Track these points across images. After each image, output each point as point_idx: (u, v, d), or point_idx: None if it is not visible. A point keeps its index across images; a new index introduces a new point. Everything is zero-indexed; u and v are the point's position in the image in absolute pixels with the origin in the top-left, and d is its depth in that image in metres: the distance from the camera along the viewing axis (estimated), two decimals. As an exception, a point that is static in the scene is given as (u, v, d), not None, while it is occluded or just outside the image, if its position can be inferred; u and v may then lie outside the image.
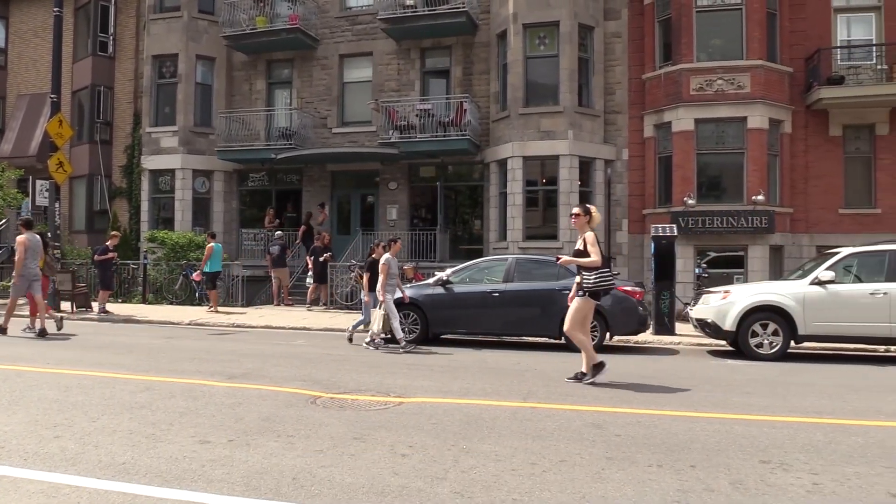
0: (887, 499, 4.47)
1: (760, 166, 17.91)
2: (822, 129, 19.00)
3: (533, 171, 19.45)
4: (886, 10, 18.80)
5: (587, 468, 5.00)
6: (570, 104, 18.95)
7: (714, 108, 18.13)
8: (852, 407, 7.43)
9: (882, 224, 18.54)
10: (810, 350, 12.39)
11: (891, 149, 18.72)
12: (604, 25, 19.83)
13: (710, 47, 18.50)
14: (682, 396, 7.88)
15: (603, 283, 8.43)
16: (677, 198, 18.24)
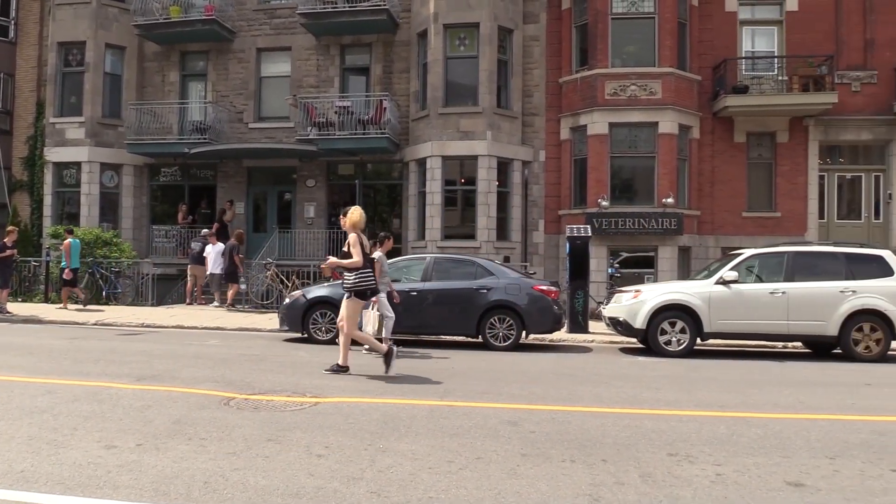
0: (784, 486, 4.72)
1: (670, 170, 18.57)
2: (727, 135, 19.86)
3: (452, 171, 19.57)
4: (787, 24, 19.82)
5: (502, 465, 5.08)
6: (489, 105, 19.16)
7: (627, 112, 18.69)
8: (753, 401, 7.80)
9: (782, 227, 19.55)
10: (715, 347, 12.93)
11: (790, 156, 19.75)
12: (523, 28, 20.13)
13: (624, 54, 19.05)
14: (595, 393, 8.09)
15: (363, 284, 8.71)
16: (592, 199, 18.71)
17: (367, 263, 8.78)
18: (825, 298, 11.52)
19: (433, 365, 10.07)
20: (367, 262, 8.78)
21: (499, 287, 12.19)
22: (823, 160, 19.88)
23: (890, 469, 5.16)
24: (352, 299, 8.77)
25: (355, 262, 8.64)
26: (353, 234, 8.81)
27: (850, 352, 11.48)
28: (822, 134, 19.69)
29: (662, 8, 18.61)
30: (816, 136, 19.67)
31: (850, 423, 6.70)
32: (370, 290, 8.85)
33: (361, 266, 8.68)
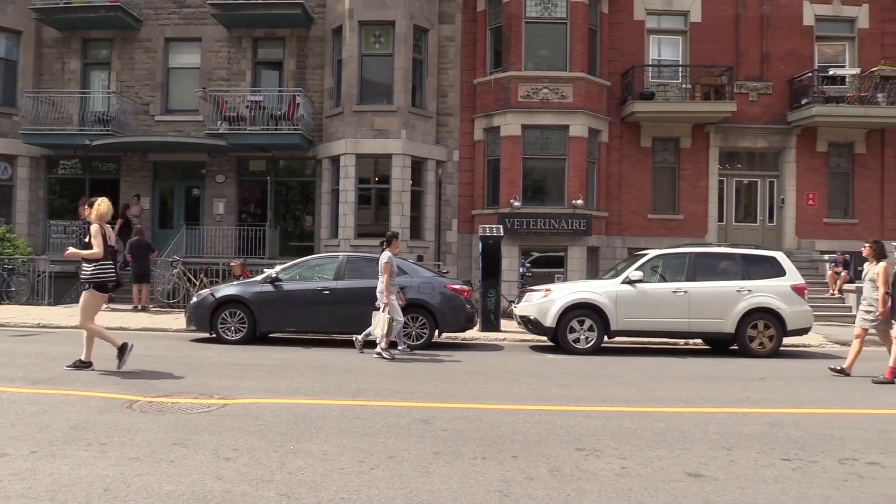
0: (684, 477, 4.92)
1: (580, 172, 19.05)
2: (634, 139, 20.55)
3: (366, 169, 19.46)
4: (692, 35, 20.67)
5: (415, 463, 5.09)
6: (403, 104, 19.16)
7: (540, 115, 19.06)
8: (656, 396, 8.10)
9: (684, 229, 20.38)
10: (621, 344, 13.34)
11: (692, 160, 20.61)
12: (438, 28, 20.22)
13: (537, 57, 19.41)
14: (506, 390, 8.21)
15: (101, 276, 8.70)
16: (504, 200, 18.98)
17: (107, 255, 8.67)
18: (723, 297, 12.08)
19: (346, 364, 9.99)
20: (107, 254, 8.68)
21: (412, 286, 12.20)
22: (723, 165, 20.85)
23: (781, 458, 5.46)
24: (90, 291, 8.65)
25: (95, 254, 8.55)
26: (95, 225, 8.70)
27: (745, 348, 12.07)
28: (722, 141, 20.65)
29: (574, 14, 19.06)
30: (717, 142, 20.61)
31: (745, 416, 7.04)
32: (110, 282, 8.75)
33: (101, 258, 8.59)
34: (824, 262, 19.45)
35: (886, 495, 4.65)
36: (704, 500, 4.47)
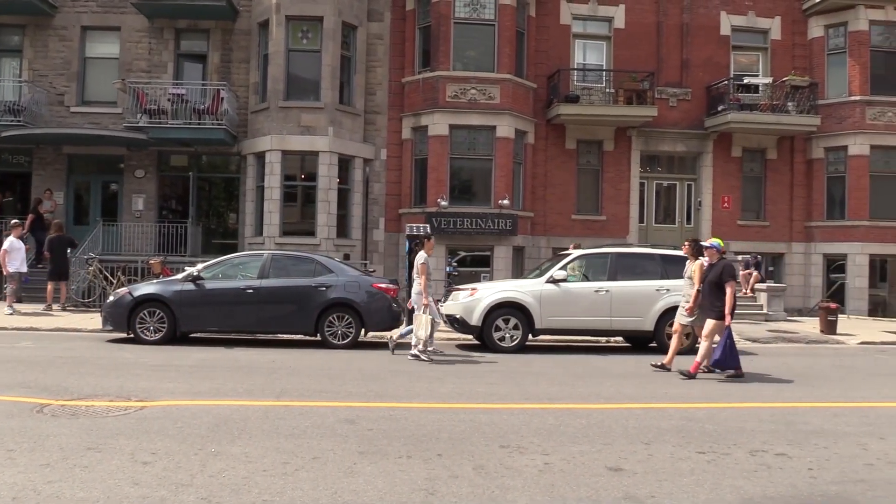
0: (605, 472, 5.05)
1: (507, 173, 19.28)
2: (560, 141, 20.93)
3: (292, 166, 19.18)
4: (616, 40, 21.19)
5: (340, 464, 5.06)
6: (331, 101, 18.96)
7: (467, 115, 19.18)
8: (579, 392, 8.28)
9: (607, 229, 20.89)
10: (545, 342, 13.56)
11: (615, 163, 21.14)
12: (367, 26, 20.09)
13: (465, 58, 19.53)
14: (432, 389, 8.24)
15: None
16: (432, 199, 19.04)
17: None
18: (643, 296, 12.42)
19: (270, 364, 9.84)
20: None
21: (338, 285, 12.10)
22: (644, 168, 21.46)
23: (696, 451, 5.67)
24: None
25: None
26: None
27: (664, 345, 12.36)
28: (644, 144, 21.25)
29: (502, 16, 19.27)
30: (638, 145, 21.20)
31: (663, 411, 7.28)
32: None
33: None
34: (738, 263, 20.22)
35: (793, 484, 4.88)
36: (624, 494, 4.60)
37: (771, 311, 18.86)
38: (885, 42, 21.37)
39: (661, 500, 4.51)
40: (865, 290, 20.91)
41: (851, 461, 5.53)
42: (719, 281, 9.51)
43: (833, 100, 21.34)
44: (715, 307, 9.53)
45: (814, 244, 21.71)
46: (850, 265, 21.01)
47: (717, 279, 9.54)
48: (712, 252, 9.94)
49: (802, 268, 21.79)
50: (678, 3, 21.38)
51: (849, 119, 21.09)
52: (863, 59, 21.01)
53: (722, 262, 9.72)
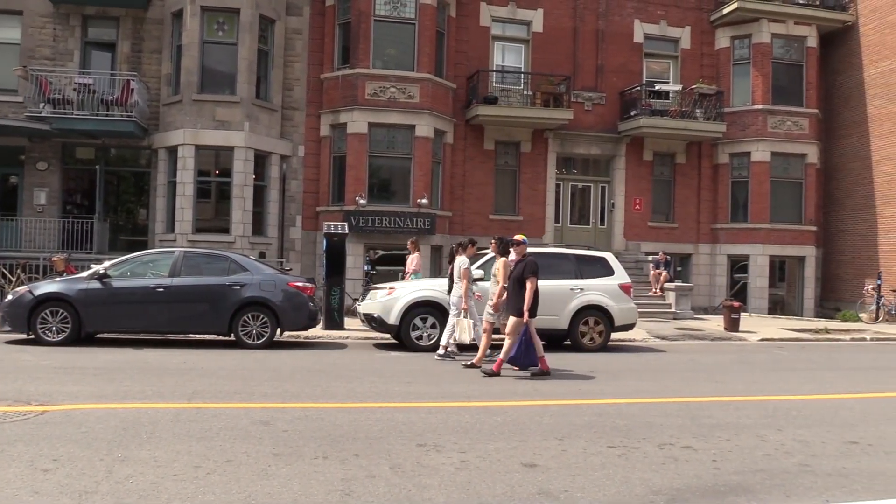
0: (520, 468, 5.13)
1: (425, 172, 19.32)
2: (478, 142, 21.13)
3: (206, 162, 18.66)
4: (534, 43, 21.56)
5: (253, 466, 4.96)
6: (247, 95, 18.54)
7: (387, 114, 19.12)
8: (495, 390, 8.38)
9: (523, 229, 21.04)
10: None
11: (532, 164, 21.51)
12: (285, 20, 19.75)
13: (385, 56, 19.46)
14: (349, 388, 8.18)
15: None
16: (350, 197, 18.89)
17: None
18: (558, 295, 12.66)
19: (181, 365, 9.55)
20: None
21: (253, 283, 11.85)
22: (560, 170, 21.91)
23: (608, 446, 5.83)
24: None
25: None
26: None
27: (577, 343, 12.75)
28: (560, 146, 21.70)
29: (423, 16, 19.29)
30: (555, 147, 21.63)
31: (576, 407, 7.45)
32: None
33: None
34: (648, 263, 20.94)
35: (698, 475, 5.09)
36: (538, 489, 4.68)
37: (679, 310, 19.59)
38: (785, 54, 22.54)
39: (574, 494, 4.62)
40: (766, 290, 22.01)
41: (752, 452, 5.80)
42: (522, 278, 9.41)
43: (738, 108, 22.36)
44: (517, 304, 9.39)
45: (719, 245, 22.68)
46: (752, 266, 22.06)
47: (521, 276, 9.44)
48: (520, 249, 9.84)
49: (708, 268, 22.72)
50: (594, 10, 21.93)
51: (752, 126, 22.14)
52: (765, 70, 22.09)
53: (526, 260, 9.58)
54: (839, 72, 24.14)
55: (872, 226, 22.71)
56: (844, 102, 23.93)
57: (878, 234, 22.48)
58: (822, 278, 24.11)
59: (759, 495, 4.70)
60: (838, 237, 24.03)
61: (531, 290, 9.30)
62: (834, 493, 4.78)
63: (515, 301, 9.46)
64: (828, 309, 23.15)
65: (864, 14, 23.17)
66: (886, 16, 22.36)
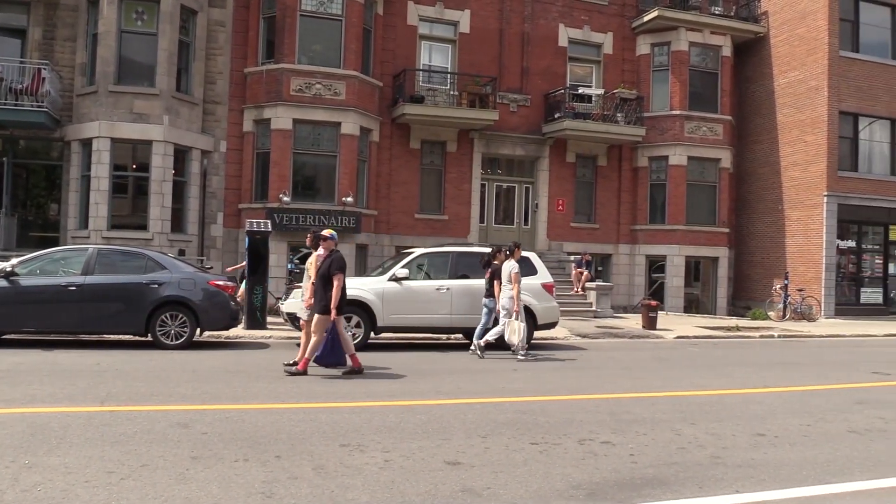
0: (443, 466, 5.16)
1: (351, 170, 19.18)
2: (404, 141, 21.11)
3: (123, 155, 18.01)
4: (461, 44, 21.67)
5: (171, 470, 4.83)
6: (167, 88, 17.99)
7: (312, 110, 18.87)
8: (419, 389, 8.40)
9: (449, 229, 21.33)
10: (388, 340, 13.64)
11: (457, 164, 21.63)
12: (208, 11, 19.23)
13: (311, 52, 19.20)
14: (271, 389, 8.06)
15: None
16: (273, 194, 18.57)
17: None
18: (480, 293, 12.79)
19: (94, 367, 9.21)
20: None
21: (171, 282, 11.52)
22: (485, 170, 22.11)
23: (530, 443, 5.93)
24: None
25: None
26: None
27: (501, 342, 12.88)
28: (485, 147, 21.90)
29: (350, 12, 19.12)
30: (480, 148, 21.81)
31: (499, 405, 7.55)
32: None
33: None
34: (570, 262, 21.37)
35: (616, 469, 5.23)
36: (462, 487, 4.72)
37: (599, 309, 20.07)
38: (702, 62, 23.37)
39: (497, 490, 4.68)
40: (682, 289, 22.79)
41: (667, 446, 6.00)
42: (328, 274, 9.13)
43: (657, 113, 23.06)
44: (324, 302, 9.10)
45: (638, 246, 23.34)
46: (669, 266, 22.80)
47: (327, 273, 9.16)
48: (328, 244, 9.56)
49: (628, 268, 23.36)
50: (520, 13, 22.22)
51: (670, 131, 22.87)
52: (683, 76, 22.86)
53: (333, 255, 9.33)
54: (751, 80, 25.22)
55: (780, 228, 23.84)
56: (756, 110, 25.03)
57: (786, 237, 23.61)
58: (734, 278, 25.14)
59: (673, 487, 4.87)
60: (749, 239, 25.12)
61: (338, 287, 9.02)
62: (743, 484, 5.00)
63: (321, 298, 9.13)
64: (739, 307, 24.15)
65: (775, 26, 24.29)
66: (795, 28, 23.50)
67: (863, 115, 23.24)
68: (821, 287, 22.31)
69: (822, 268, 22.34)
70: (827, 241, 22.32)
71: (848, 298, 23.20)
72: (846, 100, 22.70)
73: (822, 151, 22.40)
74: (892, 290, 24.03)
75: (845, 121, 22.95)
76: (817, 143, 22.60)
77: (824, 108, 22.40)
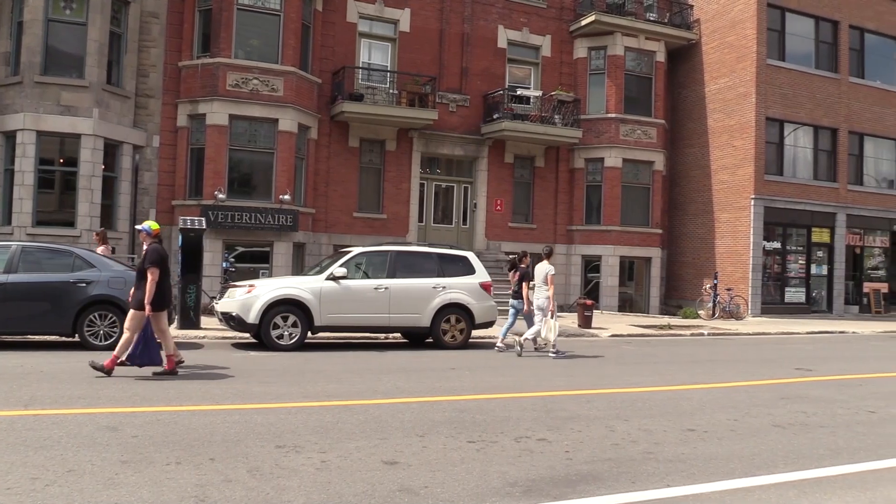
0: (381, 466, 5.15)
1: (288, 168, 18.92)
2: (343, 139, 20.94)
3: (49, 149, 17.35)
4: (401, 43, 21.63)
5: (99, 475, 4.69)
6: (97, 80, 17.41)
7: (249, 106, 18.55)
8: (357, 389, 8.36)
9: (387, 228, 21.26)
10: (325, 340, 13.53)
11: (396, 163, 21.58)
12: (141, 2, 18.67)
13: (248, 46, 18.86)
14: (205, 390, 7.90)
15: None
16: (208, 191, 18.19)
17: None
18: (421, 293, 12.83)
19: (17, 370, 8.85)
20: None
21: (100, 280, 11.16)
22: (424, 170, 22.13)
23: (467, 441, 5.96)
24: None
25: None
26: None
27: (439, 340, 12.95)
28: (424, 146, 21.91)
29: (288, 7, 18.85)
30: (419, 147, 21.82)
31: (437, 404, 7.57)
32: None
33: None
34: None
35: (551, 466, 5.31)
36: (399, 486, 4.72)
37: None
38: (637, 67, 23.90)
39: (434, 489, 4.69)
40: (616, 288, 23.28)
41: (601, 442, 6.13)
42: (143, 268, 8.72)
43: (593, 115, 23.49)
44: (139, 297, 8.68)
45: (574, 246, 23.73)
46: (604, 266, 23.26)
47: (142, 267, 8.76)
48: (142, 236, 9.28)
49: (564, 267, 23.71)
50: (460, 13, 22.31)
51: (605, 134, 23.32)
52: (618, 80, 23.34)
53: (149, 248, 8.90)
54: (684, 86, 25.94)
55: (711, 230, 24.59)
56: (688, 115, 25.76)
57: (716, 238, 24.38)
58: (666, 278, 25.81)
59: (607, 482, 4.98)
60: (681, 240, 25.84)
61: (152, 281, 8.57)
62: (674, 478, 5.14)
63: (137, 293, 8.72)
64: (671, 306, 24.81)
65: (706, 34, 25.03)
66: (725, 37, 24.28)
67: (788, 121, 24.18)
68: (748, 287, 23.12)
69: (750, 268, 23.16)
70: (754, 242, 23.14)
71: (773, 298, 24.11)
72: (773, 106, 23.58)
73: (750, 156, 23.21)
74: (815, 290, 25.09)
75: (772, 126, 23.86)
76: (745, 147, 23.41)
77: (752, 113, 23.22)
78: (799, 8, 24.36)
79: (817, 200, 24.54)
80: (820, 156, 25.10)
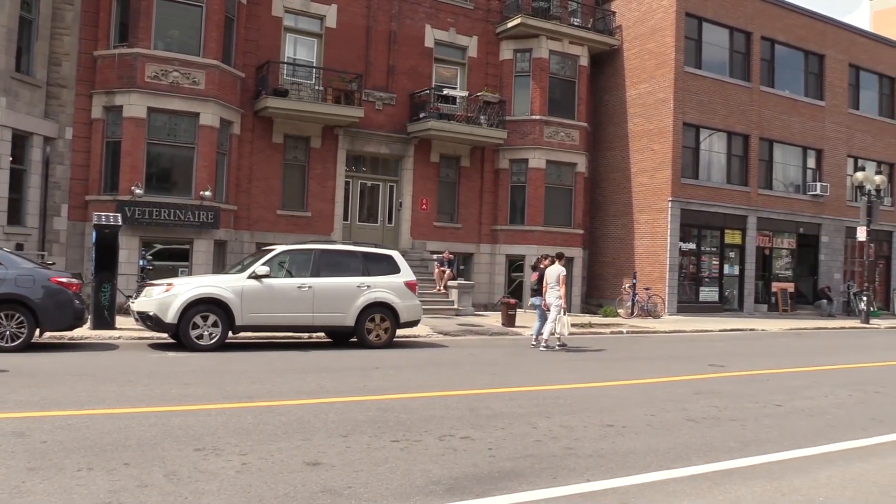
0: (303, 467, 5.09)
1: (209, 163, 18.45)
2: (267, 135, 20.57)
3: (-50, 139, 16.44)
4: (327, 39, 21.39)
5: (4, 484, 4.47)
6: (5, 67, 16.55)
7: (168, 99, 17.98)
8: (279, 389, 8.24)
9: (312, 226, 21.00)
10: (247, 339, 13.27)
11: (322, 161, 21.34)
12: (51, -12, 17.90)
13: (168, 37, 18.28)
14: (120, 392, 7.64)
15: None
16: (125, 186, 17.55)
17: None
18: (345, 292, 12.73)
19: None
20: None
21: (7, 279, 10.63)
22: (350, 168, 21.96)
23: (391, 440, 5.96)
24: None
25: None
26: None
27: (364, 340, 12.88)
28: (350, 144, 21.75)
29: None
30: (345, 145, 21.64)
31: (361, 403, 7.53)
32: None
33: None
34: (433, 261, 21.64)
35: (475, 464, 5.36)
36: (322, 487, 4.68)
37: (461, 307, 20.46)
38: (561, 70, 24.36)
39: (357, 490, 4.67)
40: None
41: (523, 439, 6.22)
42: None
43: (518, 117, 23.81)
44: None
45: (498, 246, 24.00)
46: (528, 265, 23.58)
47: None
48: None
49: (489, 267, 23.97)
50: (387, 11, 22.23)
51: (530, 135, 23.68)
52: (543, 83, 23.73)
53: None
54: (606, 90, 26.58)
55: (630, 231, 25.29)
56: (609, 118, 26.41)
57: (635, 239, 25.08)
58: (587, 277, 26.40)
59: (529, 479, 5.06)
60: (602, 240, 26.47)
61: None
62: (594, 473, 5.27)
63: None
64: (592, 305, 25.38)
65: (628, 40, 25.72)
66: (645, 44, 25.00)
67: (703, 126, 25.10)
68: (665, 286, 23.88)
69: (667, 268, 23.93)
70: (671, 243, 23.92)
71: (689, 297, 24.98)
72: (689, 112, 24.42)
73: (668, 159, 23.99)
74: (727, 290, 26.12)
75: (688, 132, 24.73)
76: (663, 151, 24.17)
77: (670, 119, 24.00)
78: (715, 18, 25.30)
79: (730, 203, 25.55)
80: (733, 161, 26.16)
